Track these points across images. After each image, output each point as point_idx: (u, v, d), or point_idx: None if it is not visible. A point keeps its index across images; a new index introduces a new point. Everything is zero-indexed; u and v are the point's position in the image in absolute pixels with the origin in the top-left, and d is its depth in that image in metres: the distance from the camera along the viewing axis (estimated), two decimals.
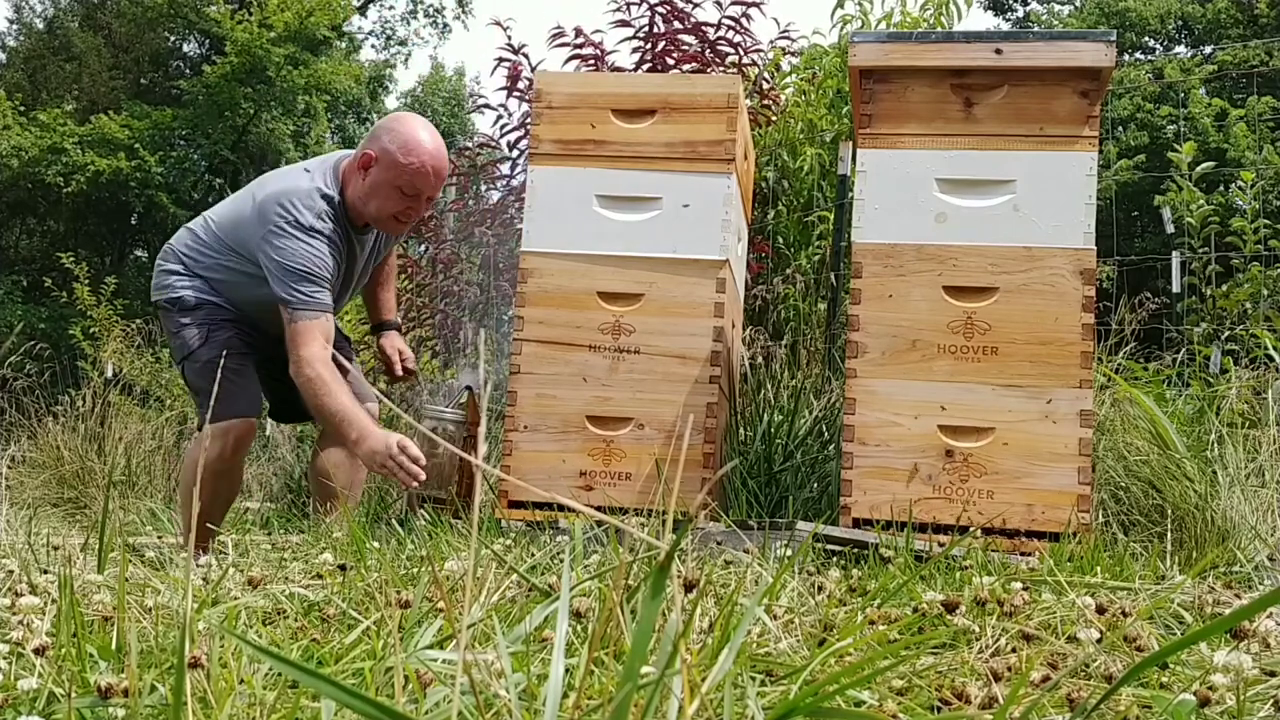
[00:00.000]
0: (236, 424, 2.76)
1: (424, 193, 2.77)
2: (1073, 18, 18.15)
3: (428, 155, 2.73)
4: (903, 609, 1.36)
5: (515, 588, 1.36)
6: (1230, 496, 2.42)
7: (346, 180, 2.80)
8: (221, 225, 2.87)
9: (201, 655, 0.89)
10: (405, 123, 2.78)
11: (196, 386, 2.85)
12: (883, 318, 2.42)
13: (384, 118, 2.87)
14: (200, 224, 2.94)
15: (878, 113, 2.49)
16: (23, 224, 17.52)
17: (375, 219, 2.80)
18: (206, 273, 2.86)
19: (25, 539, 2.17)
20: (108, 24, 17.96)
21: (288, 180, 2.80)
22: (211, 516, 2.77)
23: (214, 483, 2.77)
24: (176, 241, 2.94)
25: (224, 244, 2.84)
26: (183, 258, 2.90)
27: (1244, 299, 4.22)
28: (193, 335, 2.82)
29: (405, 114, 2.88)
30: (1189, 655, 1.18)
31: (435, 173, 2.75)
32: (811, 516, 2.68)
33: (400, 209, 2.76)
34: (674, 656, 0.68)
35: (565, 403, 2.68)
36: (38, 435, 5.39)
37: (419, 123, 2.80)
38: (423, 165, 2.72)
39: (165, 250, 2.97)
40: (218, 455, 2.74)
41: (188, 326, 2.83)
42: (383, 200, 2.75)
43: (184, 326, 2.84)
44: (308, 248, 2.68)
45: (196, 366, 2.80)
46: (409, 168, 2.71)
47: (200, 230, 2.91)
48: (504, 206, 5.55)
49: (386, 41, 22.23)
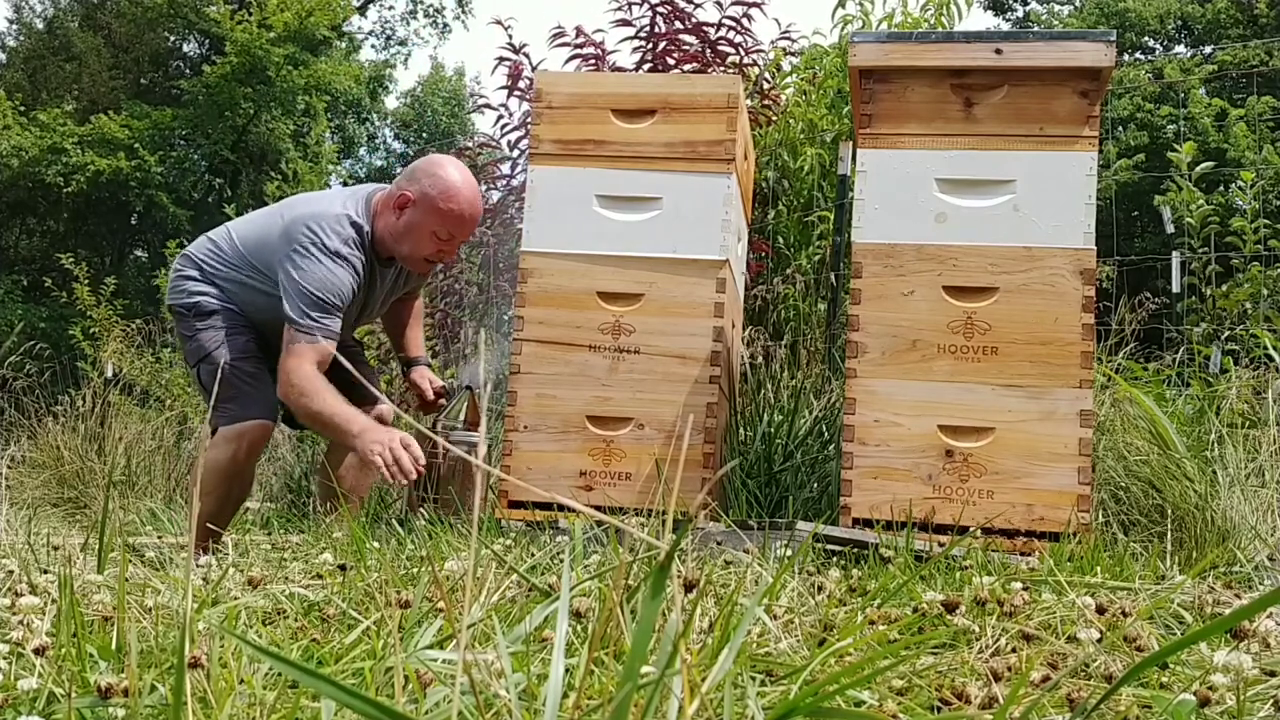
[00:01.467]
0: (251, 427, 2.77)
1: (457, 238, 2.82)
2: (1073, 18, 18.15)
3: (465, 203, 2.76)
4: (903, 609, 1.36)
5: (515, 588, 1.36)
6: (1230, 496, 2.42)
7: (378, 213, 2.81)
8: (245, 241, 2.88)
9: (201, 655, 0.89)
10: (445, 168, 2.80)
11: (211, 390, 2.85)
12: (883, 318, 2.42)
13: (421, 159, 2.89)
14: (223, 235, 2.94)
15: (878, 113, 2.49)
16: (23, 224, 17.52)
17: (406, 259, 2.83)
18: (224, 282, 2.87)
19: (25, 539, 2.17)
20: (108, 24, 17.97)
21: (319, 204, 2.81)
22: (220, 518, 2.78)
23: (226, 485, 2.78)
24: (196, 249, 2.95)
25: (245, 260, 2.86)
26: (201, 265, 2.91)
27: (1244, 299, 4.22)
28: (209, 339, 2.83)
29: (443, 157, 2.91)
30: (1189, 655, 1.18)
31: (471, 219, 2.80)
32: (811, 516, 2.69)
33: (432, 251, 2.80)
34: (674, 656, 0.68)
35: (565, 403, 2.68)
36: (38, 435, 5.40)
37: (457, 168, 2.83)
38: (461, 212, 2.76)
39: (183, 257, 2.97)
40: (230, 458, 2.75)
41: (204, 331, 2.84)
42: (416, 242, 2.77)
43: (200, 331, 2.85)
44: (328, 272, 2.69)
45: (212, 369, 2.80)
46: (448, 214, 2.74)
47: (222, 242, 2.92)
48: (504, 206, 5.55)
49: (386, 41, 22.24)
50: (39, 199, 16.45)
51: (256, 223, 2.92)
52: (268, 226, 2.84)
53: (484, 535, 2.02)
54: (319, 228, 2.71)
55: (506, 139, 5.46)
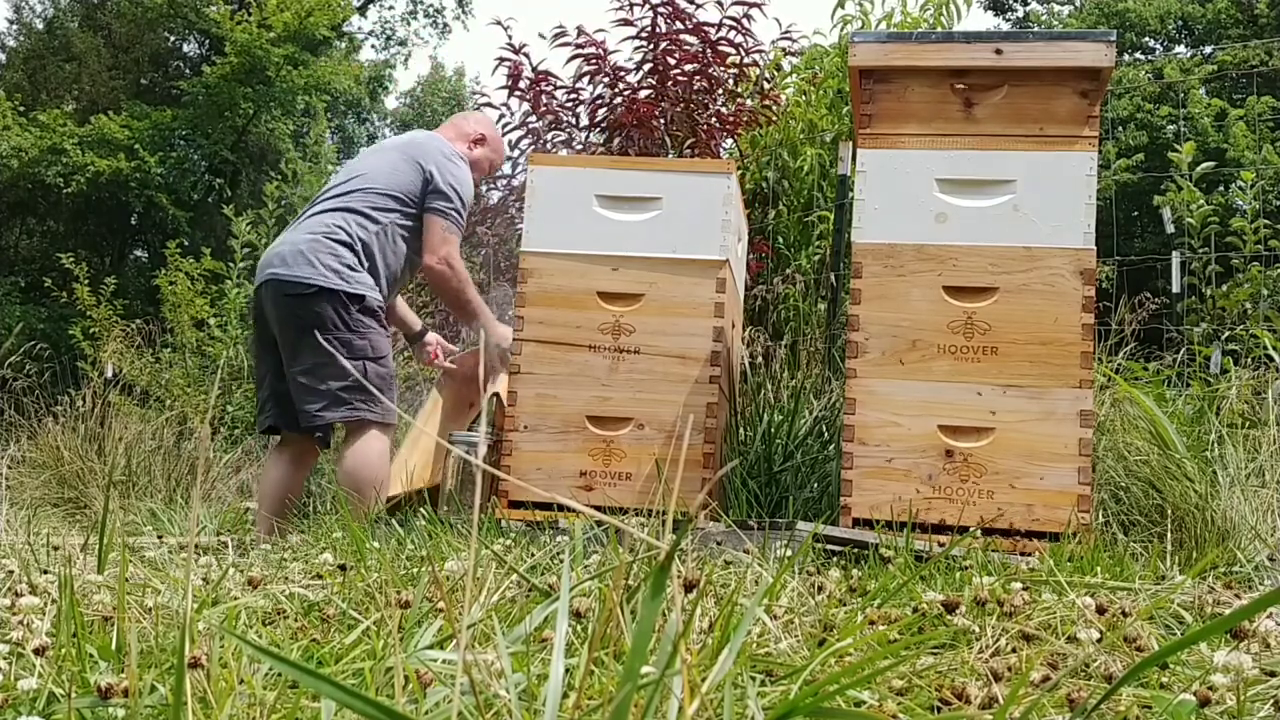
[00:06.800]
0: (391, 430, 3.12)
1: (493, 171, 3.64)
2: (1073, 18, 18.14)
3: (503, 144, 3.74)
4: (903, 609, 1.36)
5: (515, 588, 1.36)
6: (1230, 496, 2.42)
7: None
8: (377, 180, 3.17)
9: (201, 655, 0.89)
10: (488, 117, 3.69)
11: (373, 385, 3.03)
12: (883, 318, 2.42)
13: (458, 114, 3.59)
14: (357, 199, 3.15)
15: (878, 113, 2.48)
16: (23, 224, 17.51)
17: None
18: (378, 252, 3.12)
19: (25, 539, 2.17)
20: (108, 24, 17.95)
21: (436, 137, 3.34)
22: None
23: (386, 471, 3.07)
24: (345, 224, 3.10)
25: (388, 197, 3.15)
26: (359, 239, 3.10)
27: (1244, 299, 4.22)
28: (379, 341, 3.10)
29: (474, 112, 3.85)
30: (1189, 655, 1.17)
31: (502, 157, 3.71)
32: (811, 516, 2.68)
33: (475, 180, 3.42)
34: (674, 656, 0.68)
35: (565, 403, 2.68)
36: (38, 435, 5.39)
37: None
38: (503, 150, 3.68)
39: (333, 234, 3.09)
40: (384, 451, 3.03)
41: (372, 330, 3.08)
42: (475, 171, 3.36)
43: (369, 329, 3.07)
44: (470, 181, 3.26)
45: (382, 372, 3.06)
46: (501, 150, 3.60)
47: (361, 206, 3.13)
48: (504, 206, 5.56)
49: (386, 41, 22.21)
50: (39, 199, 16.44)
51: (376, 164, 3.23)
52: (389, 161, 3.22)
53: (484, 535, 2.02)
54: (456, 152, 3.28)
55: (507, 139, 5.46)
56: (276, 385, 3.17)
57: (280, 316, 3.07)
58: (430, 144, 3.25)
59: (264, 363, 3.23)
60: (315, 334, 2.96)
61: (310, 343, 2.98)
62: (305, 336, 2.99)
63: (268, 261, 3.14)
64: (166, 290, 7.22)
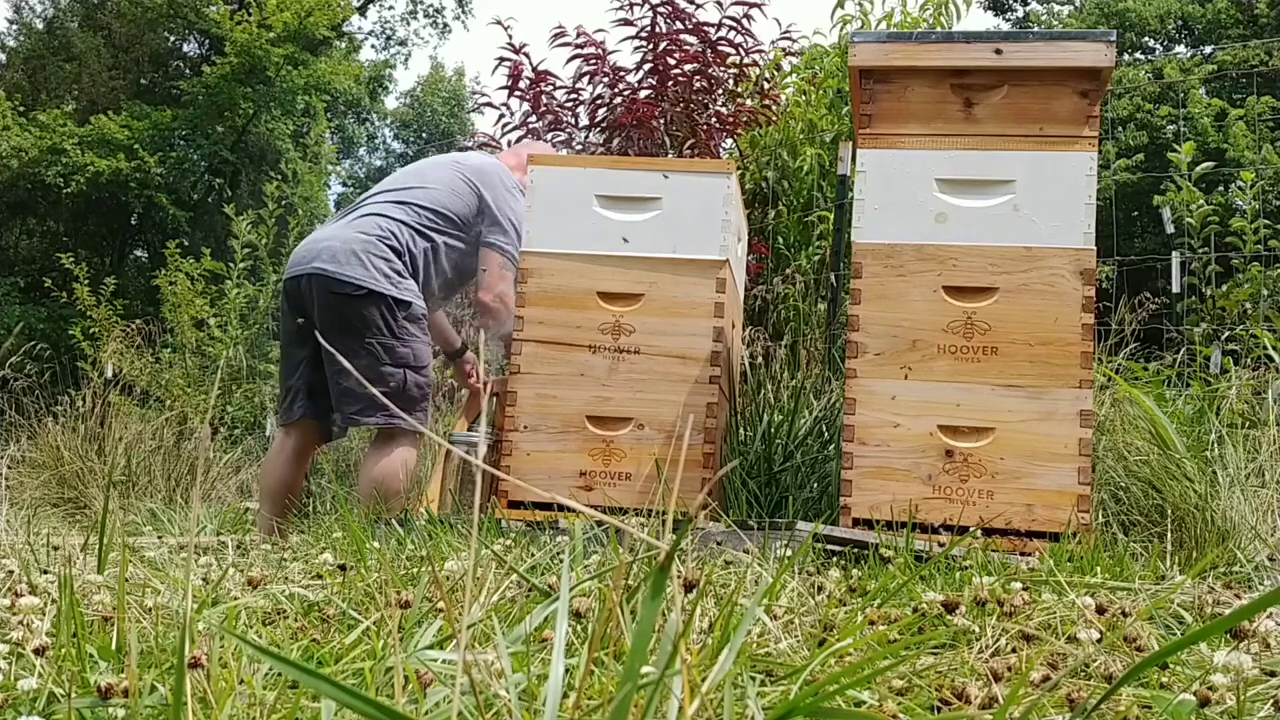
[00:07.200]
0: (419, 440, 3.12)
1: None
2: (1073, 18, 18.15)
3: None
4: (903, 609, 1.36)
5: (515, 588, 1.36)
6: (1230, 496, 2.42)
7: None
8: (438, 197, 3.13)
9: (201, 655, 0.89)
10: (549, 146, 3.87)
11: (409, 395, 3.01)
12: (883, 318, 2.42)
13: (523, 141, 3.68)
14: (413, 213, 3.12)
15: (878, 113, 2.48)
16: (23, 224, 17.51)
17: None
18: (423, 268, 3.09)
19: (25, 539, 2.17)
20: (107, 24, 17.95)
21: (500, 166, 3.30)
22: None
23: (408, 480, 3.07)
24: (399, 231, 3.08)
25: (444, 217, 3.12)
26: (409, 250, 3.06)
27: (1244, 299, 4.22)
28: (421, 350, 3.06)
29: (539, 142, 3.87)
30: (1189, 655, 1.17)
31: None
32: (811, 516, 2.68)
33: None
34: (674, 656, 0.68)
35: (565, 403, 2.68)
36: (38, 435, 5.39)
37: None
38: None
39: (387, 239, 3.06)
40: (408, 464, 3.03)
41: (416, 339, 3.04)
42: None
43: (413, 336, 3.03)
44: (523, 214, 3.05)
45: (421, 382, 3.04)
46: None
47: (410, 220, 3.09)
48: None
49: (386, 41, 22.22)
50: (39, 199, 16.44)
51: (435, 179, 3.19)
52: (445, 178, 3.17)
53: (484, 535, 2.02)
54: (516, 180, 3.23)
55: (507, 139, 5.46)
56: (312, 376, 3.11)
57: (325, 313, 3.00)
58: (492, 173, 3.21)
59: (295, 354, 3.16)
60: (360, 336, 2.93)
61: (354, 345, 2.94)
62: (349, 338, 2.95)
63: (313, 253, 3.04)
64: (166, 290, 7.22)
